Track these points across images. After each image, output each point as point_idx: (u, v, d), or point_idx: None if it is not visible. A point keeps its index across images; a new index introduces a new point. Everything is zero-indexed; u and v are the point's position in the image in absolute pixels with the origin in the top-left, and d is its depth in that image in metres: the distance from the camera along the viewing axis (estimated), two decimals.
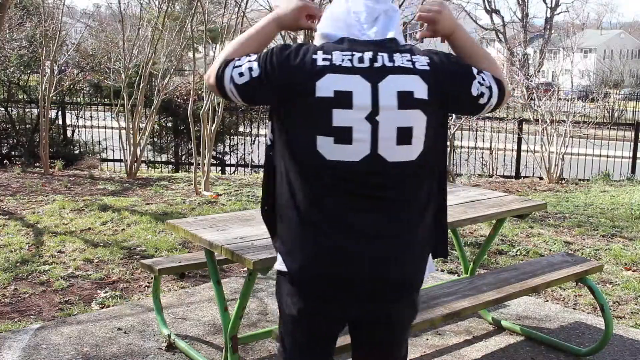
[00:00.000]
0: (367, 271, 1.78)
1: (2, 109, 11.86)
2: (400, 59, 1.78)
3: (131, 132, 9.36)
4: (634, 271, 4.87)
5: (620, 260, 5.10)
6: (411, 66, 1.77)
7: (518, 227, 6.08)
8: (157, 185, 8.29)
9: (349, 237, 1.78)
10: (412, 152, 1.80)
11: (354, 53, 1.76)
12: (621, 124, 16.28)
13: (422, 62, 1.79)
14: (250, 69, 1.79)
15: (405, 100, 1.76)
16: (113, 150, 11.87)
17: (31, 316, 3.82)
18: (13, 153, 11.92)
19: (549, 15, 32.11)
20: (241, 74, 1.79)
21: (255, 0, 11.52)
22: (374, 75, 1.75)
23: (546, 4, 32.12)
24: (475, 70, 1.86)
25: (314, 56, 1.75)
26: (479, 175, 11.26)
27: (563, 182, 10.08)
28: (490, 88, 1.87)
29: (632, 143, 11.81)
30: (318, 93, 1.73)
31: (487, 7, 31.10)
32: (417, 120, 1.78)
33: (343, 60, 1.75)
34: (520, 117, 11.55)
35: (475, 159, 12.34)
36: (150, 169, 12.25)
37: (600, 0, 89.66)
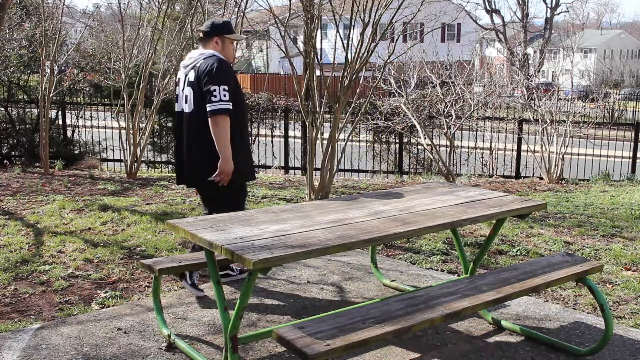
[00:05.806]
0: None
1: (2, 109, 11.86)
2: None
3: (131, 132, 9.36)
4: (634, 271, 4.87)
5: (620, 260, 5.10)
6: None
7: (518, 227, 6.08)
8: (157, 185, 8.30)
9: None
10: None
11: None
12: (621, 124, 16.28)
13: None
14: None
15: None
16: (113, 150, 11.88)
17: (31, 316, 3.82)
18: (13, 153, 11.91)
19: (549, 15, 32.13)
20: None
21: (254, 0, 11.50)
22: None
23: (546, 4, 32.14)
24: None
25: None
26: (479, 175, 11.26)
27: (563, 182, 10.08)
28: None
29: (632, 143, 11.82)
30: None
31: (487, 7, 31.12)
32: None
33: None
34: (520, 117, 11.55)
35: (475, 159, 12.34)
36: (150, 169, 12.25)
37: (600, 0, 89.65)
